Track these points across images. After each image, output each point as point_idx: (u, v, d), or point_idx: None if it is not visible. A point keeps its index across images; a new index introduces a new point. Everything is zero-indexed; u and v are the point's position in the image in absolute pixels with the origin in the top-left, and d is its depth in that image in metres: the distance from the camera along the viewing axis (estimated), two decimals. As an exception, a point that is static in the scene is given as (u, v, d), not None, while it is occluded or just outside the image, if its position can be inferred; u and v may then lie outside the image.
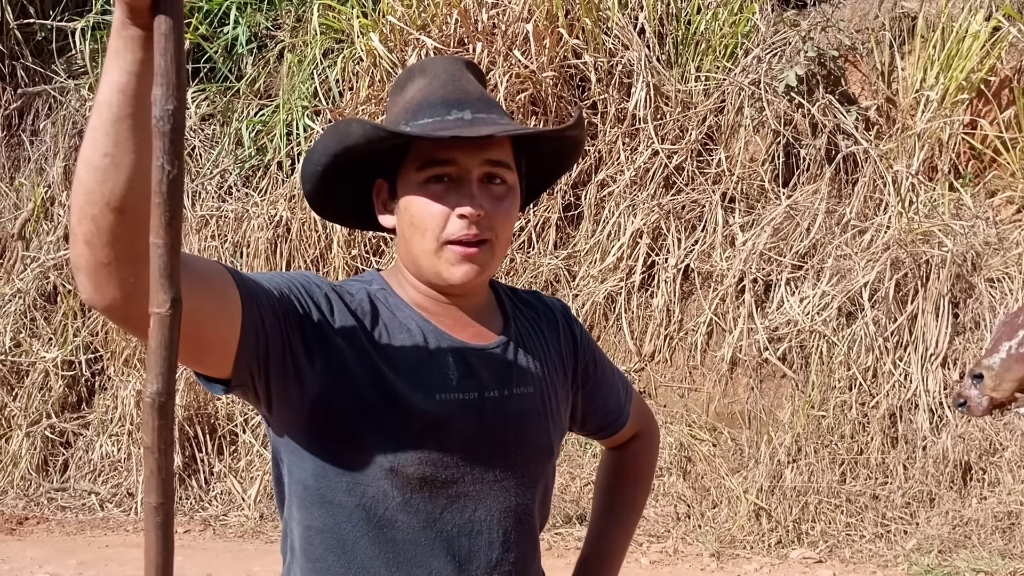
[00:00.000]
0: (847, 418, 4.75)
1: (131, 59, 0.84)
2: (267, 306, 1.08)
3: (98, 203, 0.86)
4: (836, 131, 5.27)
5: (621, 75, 5.56)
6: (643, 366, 5.29)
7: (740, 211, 5.31)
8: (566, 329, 1.40)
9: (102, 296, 0.91)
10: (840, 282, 4.93)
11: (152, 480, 0.79)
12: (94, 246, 0.88)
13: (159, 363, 0.78)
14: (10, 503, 5.81)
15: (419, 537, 1.18)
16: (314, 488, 1.18)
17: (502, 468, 1.23)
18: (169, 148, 0.76)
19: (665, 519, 4.81)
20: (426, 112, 1.20)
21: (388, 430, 1.15)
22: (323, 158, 1.21)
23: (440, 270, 1.20)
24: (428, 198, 1.18)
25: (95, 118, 0.87)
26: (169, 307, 0.78)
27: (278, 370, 1.10)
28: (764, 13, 5.52)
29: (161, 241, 0.77)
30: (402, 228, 1.23)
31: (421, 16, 5.67)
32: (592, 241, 5.48)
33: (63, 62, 6.72)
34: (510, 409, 1.24)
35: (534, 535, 1.29)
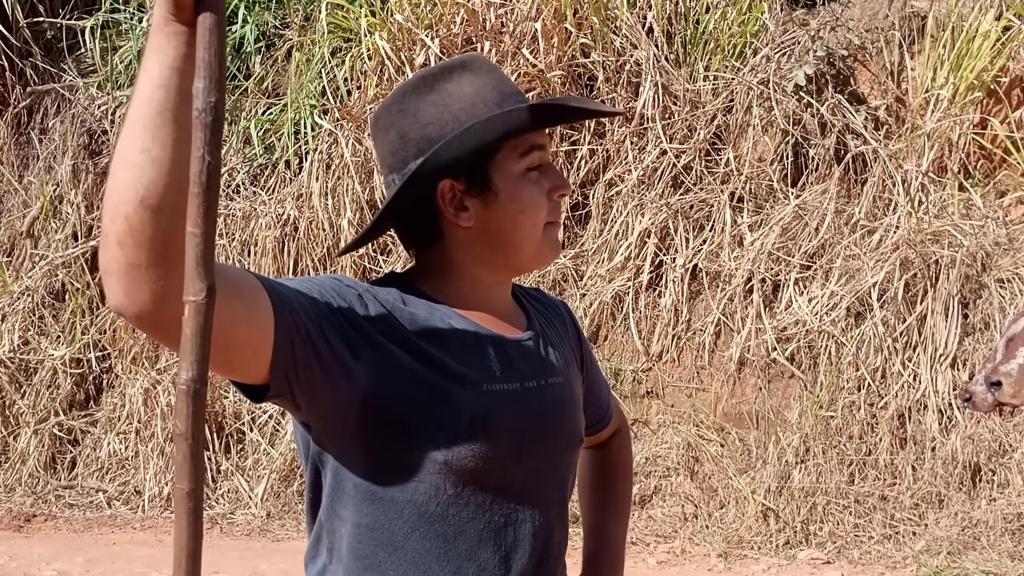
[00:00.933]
0: (856, 419, 4.73)
1: (172, 55, 0.85)
2: (301, 310, 1.08)
3: (132, 200, 0.86)
4: (845, 131, 5.25)
5: (629, 74, 5.55)
6: (651, 366, 5.28)
7: (748, 211, 5.29)
8: (571, 325, 1.44)
9: (132, 301, 0.90)
10: (849, 282, 4.91)
11: (184, 466, 0.80)
12: (126, 247, 0.87)
13: (194, 351, 0.79)
14: (18, 500, 5.83)
15: (468, 529, 1.19)
16: (364, 486, 1.18)
17: (543, 456, 1.25)
18: (210, 139, 0.78)
19: (672, 519, 4.79)
20: (509, 101, 1.23)
21: (440, 423, 1.16)
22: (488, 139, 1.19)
23: (543, 252, 1.27)
24: (531, 184, 1.22)
25: (133, 114, 0.87)
26: (204, 295, 0.79)
27: (322, 373, 1.10)
28: (773, 12, 5.50)
29: (198, 230, 0.79)
30: (501, 220, 1.22)
31: (429, 15, 5.66)
32: (600, 240, 5.47)
33: (72, 61, 6.74)
34: (547, 398, 1.27)
35: (566, 520, 1.32)
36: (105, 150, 6.66)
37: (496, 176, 1.22)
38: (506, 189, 1.22)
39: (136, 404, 5.88)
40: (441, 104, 1.23)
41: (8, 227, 6.75)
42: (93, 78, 6.65)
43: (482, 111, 1.21)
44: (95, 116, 6.63)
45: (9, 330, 6.28)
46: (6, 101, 6.83)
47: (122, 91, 6.51)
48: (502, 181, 1.22)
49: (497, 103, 1.21)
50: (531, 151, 1.21)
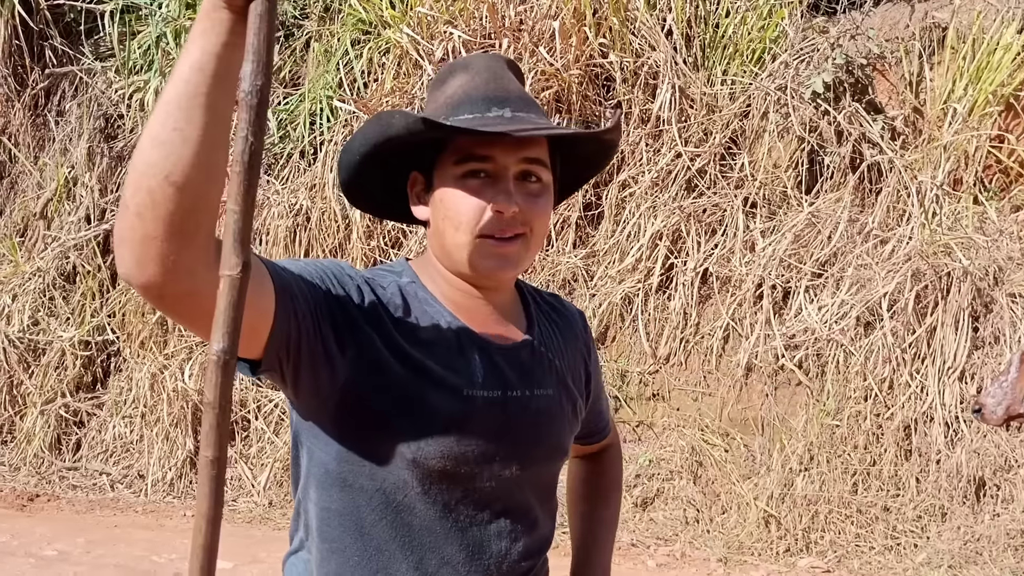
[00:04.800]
0: (861, 428, 4.71)
1: (215, 40, 0.88)
2: (300, 296, 1.09)
3: (158, 176, 0.88)
4: (861, 140, 5.23)
5: (647, 76, 5.54)
6: (658, 368, 5.27)
7: (761, 216, 5.28)
8: (583, 335, 1.45)
9: (142, 271, 0.92)
10: (859, 291, 4.89)
11: (211, 435, 0.83)
12: (145, 218, 0.89)
13: (226, 323, 0.82)
14: (22, 480, 5.86)
15: (434, 525, 1.21)
16: (335, 472, 1.20)
17: (519, 466, 1.26)
18: (254, 120, 0.81)
19: (673, 523, 4.79)
20: (467, 108, 1.22)
21: (414, 422, 1.18)
22: (363, 147, 1.23)
23: (474, 261, 1.22)
24: (465, 192, 1.20)
25: (170, 92, 0.89)
26: (240, 270, 0.82)
27: (309, 357, 1.11)
28: (793, 19, 5.48)
29: (238, 208, 0.82)
30: (436, 220, 1.24)
31: (449, 9, 5.66)
32: (611, 241, 5.47)
33: (91, 44, 6.76)
34: (531, 409, 1.27)
35: (542, 527, 1.33)
36: (120, 134, 6.69)
37: (436, 177, 1.24)
38: (440, 191, 1.23)
39: (143, 388, 5.90)
40: (437, 98, 1.27)
41: (22, 208, 6.78)
42: (111, 62, 6.68)
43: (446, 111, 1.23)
44: (111, 100, 6.66)
45: (19, 310, 6.30)
46: (24, 83, 6.86)
47: (139, 76, 6.53)
48: (439, 182, 1.23)
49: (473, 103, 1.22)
50: (468, 159, 1.20)
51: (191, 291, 0.93)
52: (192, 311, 0.97)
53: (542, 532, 1.33)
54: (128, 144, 6.61)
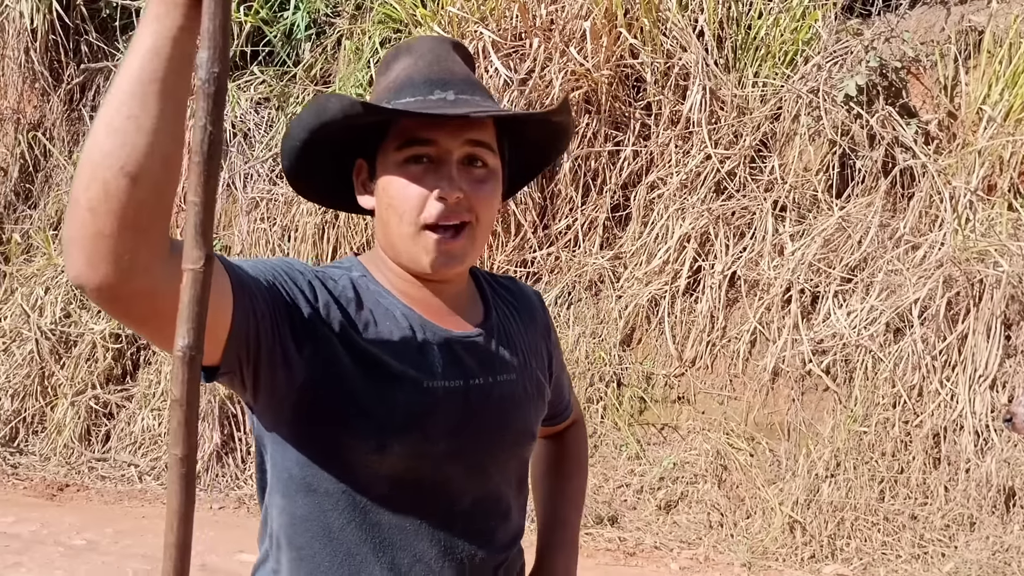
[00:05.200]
0: (889, 435, 4.66)
1: (170, 25, 0.84)
2: (257, 293, 1.07)
3: (113, 167, 0.84)
4: (894, 144, 5.18)
5: (677, 77, 5.52)
6: (683, 371, 5.25)
7: (791, 220, 5.24)
8: (542, 316, 1.43)
9: (94, 271, 0.87)
10: (890, 297, 4.84)
11: (179, 432, 0.81)
12: (97, 213, 0.85)
13: (190, 318, 0.79)
14: (52, 469, 5.94)
15: (404, 523, 1.18)
16: (299, 477, 1.17)
17: (487, 453, 1.24)
18: (212, 109, 0.78)
19: (697, 526, 4.76)
20: (408, 91, 1.19)
21: (375, 418, 1.14)
22: (301, 133, 1.19)
23: (417, 256, 1.19)
24: (406, 179, 1.17)
25: (123, 80, 0.85)
26: (203, 264, 0.79)
27: (267, 357, 1.08)
28: (827, 21, 5.43)
29: (199, 199, 0.79)
30: (380, 210, 1.21)
31: (480, 8, 5.67)
32: (639, 243, 5.45)
33: (126, 39, 6.83)
34: (494, 396, 1.25)
35: (514, 517, 1.31)
36: (154, 129, 6.76)
37: (379, 163, 1.20)
38: (383, 179, 1.20)
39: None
40: (381, 83, 1.25)
41: (56, 202, 6.87)
42: (145, 58, 6.74)
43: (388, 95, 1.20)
44: (146, 95, 6.72)
45: (52, 302, 6.39)
46: (60, 78, 6.95)
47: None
48: (381, 169, 1.20)
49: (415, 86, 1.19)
50: (410, 143, 1.17)
51: (147, 290, 0.89)
52: (147, 312, 0.92)
53: (515, 522, 1.31)
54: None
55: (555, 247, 5.67)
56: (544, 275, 5.67)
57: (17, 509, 5.10)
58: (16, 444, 6.27)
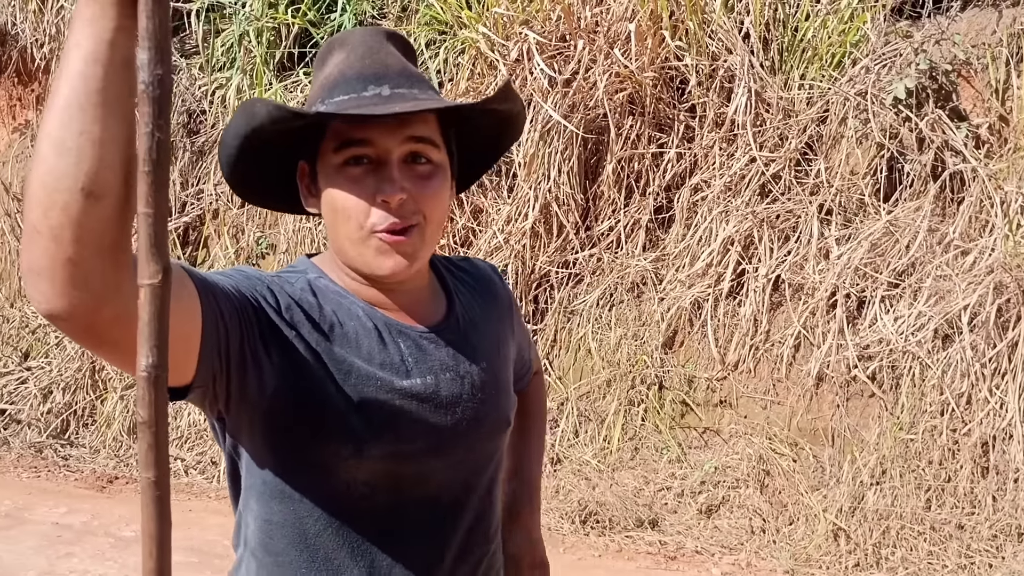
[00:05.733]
0: (936, 443, 4.60)
1: (108, 26, 0.77)
2: (223, 299, 1.03)
3: (71, 188, 0.78)
4: (944, 147, 5.10)
5: (722, 79, 5.49)
6: (726, 375, 5.22)
7: (837, 224, 5.19)
8: (502, 291, 1.40)
9: (66, 301, 0.81)
10: (938, 303, 4.77)
11: (149, 455, 0.76)
12: (62, 240, 0.79)
13: (152, 336, 0.74)
14: (101, 462, 6.06)
15: (382, 526, 1.17)
16: (273, 483, 1.15)
17: (464, 447, 1.22)
18: (158, 114, 0.73)
19: (739, 531, 4.74)
20: (342, 88, 1.14)
21: (350, 423, 1.12)
22: (234, 140, 1.15)
23: (368, 260, 1.16)
24: (348, 183, 1.12)
25: (65, 94, 0.78)
26: (161, 278, 0.74)
27: (238, 364, 1.05)
28: (875, 23, 5.37)
29: (151, 210, 0.73)
30: (326, 215, 1.17)
31: (525, 10, 5.69)
32: (682, 245, 5.43)
33: (176, 42, 6.95)
34: (466, 387, 1.23)
35: (494, 506, 1.30)
36: (202, 128, 6.87)
37: (320, 167, 1.16)
38: (323, 183, 1.16)
39: (217, 377, 6.05)
40: (317, 79, 1.20)
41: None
42: (195, 59, 6.86)
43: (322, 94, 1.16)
44: (195, 96, 6.84)
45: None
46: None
47: (221, 73, 6.69)
48: (321, 173, 1.16)
49: (348, 82, 1.15)
50: (347, 145, 1.12)
51: (121, 313, 0.83)
52: (123, 337, 0.84)
53: (494, 515, 1.30)
54: (209, 139, 6.79)
55: (597, 248, 5.67)
56: (586, 276, 5.68)
57: (69, 500, 5.22)
58: (67, 436, 6.41)
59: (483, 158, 1.34)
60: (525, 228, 5.64)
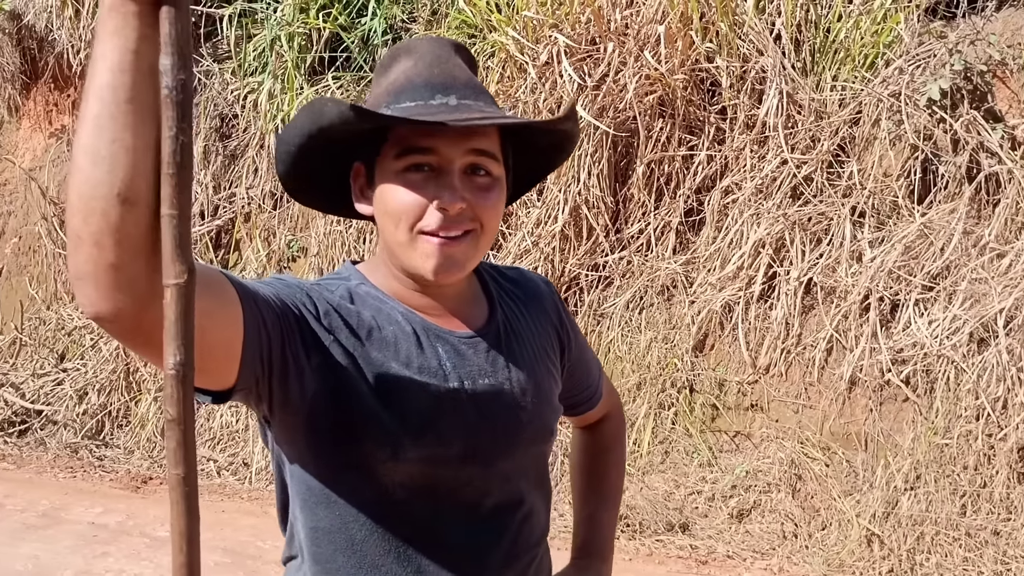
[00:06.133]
0: (972, 448, 4.54)
1: (132, 36, 0.80)
2: (264, 305, 1.05)
3: (108, 195, 0.81)
4: (979, 149, 5.04)
5: (753, 81, 5.46)
6: (757, 379, 5.19)
7: (870, 226, 5.14)
8: (552, 304, 1.39)
9: (112, 304, 0.84)
10: (974, 306, 4.72)
11: (178, 452, 0.79)
12: (104, 246, 0.82)
13: (179, 335, 0.77)
14: (136, 462, 6.14)
15: (427, 530, 1.17)
16: (318, 489, 1.16)
17: (504, 453, 1.21)
18: (181, 118, 0.76)
19: (771, 536, 4.71)
20: (408, 95, 1.15)
21: (387, 425, 1.13)
22: (297, 138, 1.15)
23: (416, 263, 1.16)
24: (405, 187, 1.13)
25: (96, 105, 0.81)
26: (186, 277, 0.77)
27: (279, 369, 1.07)
28: (909, 24, 5.31)
29: (175, 211, 0.77)
30: (378, 216, 1.18)
31: (555, 13, 5.69)
32: (712, 248, 5.41)
33: (209, 47, 7.03)
34: (505, 394, 1.23)
35: (538, 516, 1.29)
36: (234, 133, 6.93)
37: (377, 169, 1.17)
38: (380, 185, 1.16)
39: (249, 379, 6.11)
40: (380, 84, 1.21)
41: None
42: (227, 64, 6.93)
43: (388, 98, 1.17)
44: (227, 100, 6.91)
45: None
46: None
47: (253, 77, 6.76)
48: (379, 176, 1.17)
49: (415, 89, 1.15)
50: (410, 152, 1.13)
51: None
52: None
53: (539, 521, 1.29)
54: (241, 143, 6.86)
55: (627, 251, 5.66)
56: (616, 279, 5.67)
57: (104, 500, 5.30)
58: (102, 437, 6.50)
59: (533, 173, 1.35)
60: (555, 231, 5.64)
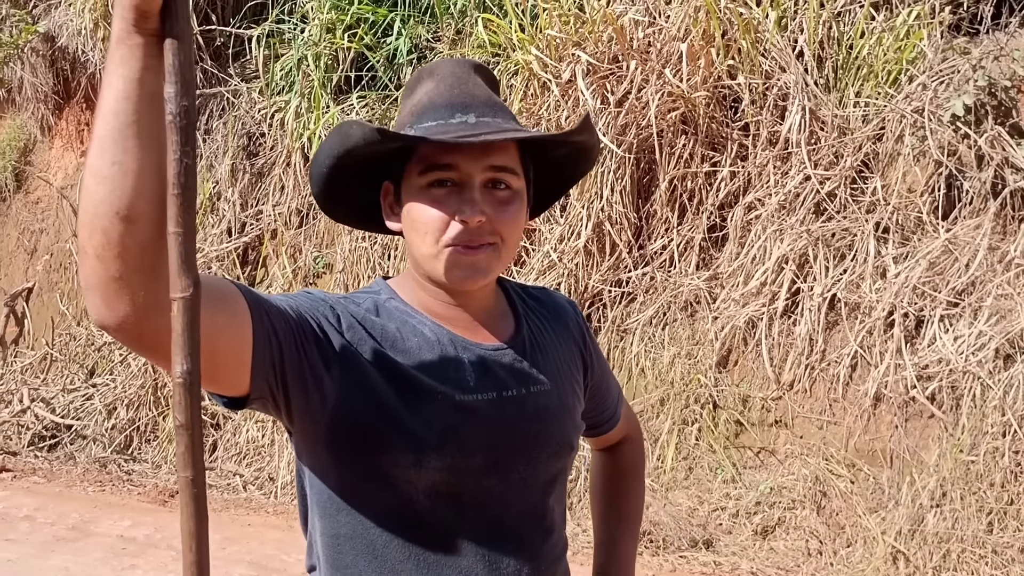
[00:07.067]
0: (999, 465, 4.51)
1: (136, 66, 0.85)
2: (277, 316, 1.09)
3: (108, 213, 0.86)
4: (1004, 164, 5.02)
5: (776, 97, 5.48)
6: (781, 395, 5.18)
7: (894, 242, 5.13)
8: (575, 325, 1.42)
9: (113, 313, 0.90)
10: (999, 323, 4.69)
11: (186, 456, 0.84)
12: (105, 260, 0.87)
13: (186, 345, 0.82)
14: (163, 477, 6.21)
15: (447, 538, 1.19)
16: (339, 496, 1.19)
17: (525, 465, 1.24)
18: (185, 141, 0.81)
19: (795, 553, 4.69)
20: (430, 115, 1.20)
21: (408, 435, 1.15)
22: (327, 160, 1.22)
23: (441, 272, 1.21)
24: (429, 203, 1.19)
25: (101, 128, 0.87)
26: (192, 290, 0.82)
27: (296, 379, 1.11)
28: (932, 40, 5.32)
29: (180, 229, 0.82)
30: (406, 231, 1.23)
31: (578, 32, 5.74)
32: (736, 264, 5.41)
33: (238, 67, 7.15)
34: (528, 407, 1.25)
35: (558, 530, 1.31)
36: (261, 151, 7.04)
37: (403, 187, 1.23)
38: (407, 201, 1.22)
39: (275, 394, 6.17)
40: (406, 106, 1.26)
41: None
42: (255, 83, 7.04)
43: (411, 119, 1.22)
44: (255, 119, 7.01)
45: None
46: (175, 102, 7.30)
47: (280, 96, 6.86)
48: (405, 193, 1.22)
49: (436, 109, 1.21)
50: (432, 168, 1.18)
51: (166, 325, 0.87)
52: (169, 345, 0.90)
53: (559, 535, 1.31)
54: (268, 161, 6.95)
55: (650, 267, 5.67)
56: (639, 295, 5.68)
57: (133, 514, 5.36)
58: (130, 452, 6.58)
59: (557, 186, 1.39)
60: (578, 247, 5.67)
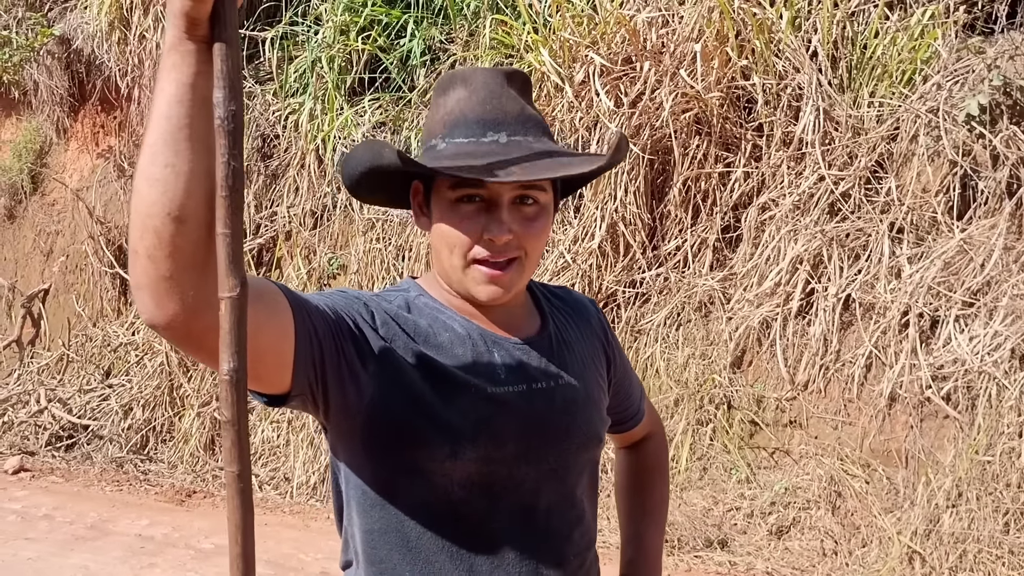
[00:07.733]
0: (1015, 466, 4.50)
1: (188, 72, 0.88)
2: (316, 315, 1.12)
3: (160, 214, 0.89)
4: (1020, 164, 5.01)
5: (790, 98, 5.48)
6: (796, 395, 5.18)
7: (908, 242, 5.12)
8: (597, 323, 1.46)
9: (164, 312, 0.92)
10: (1015, 323, 4.68)
11: (233, 451, 0.87)
12: (156, 259, 0.90)
13: (233, 343, 0.85)
14: (179, 476, 6.25)
15: (480, 529, 1.21)
16: (374, 490, 1.22)
17: (555, 457, 1.27)
18: (232, 145, 0.84)
19: (810, 553, 4.69)
20: (461, 130, 1.23)
21: (443, 428, 1.18)
22: (359, 167, 1.26)
23: (468, 287, 1.25)
24: (459, 218, 1.22)
25: (153, 133, 0.90)
26: (239, 290, 0.84)
27: (335, 376, 1.14)
28: (947, 40, 5.31)
29: (228, 230, 0.84)
30: (433, 240, 1.27)
31: (591, 33, 5.75)
32: (750, 264, 5.41)
33: (251, 69, 7.18)
34: (557, 400, 1.29)
35: (587, 519, 1.34)
36: (276, 153, 7.07)
37: (433, 194, 1.26)
38: (436, 214, 1.25)
39: (290, 395, 6.20)
40: (437, 111, 1.28)
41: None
42: (269, 86, 7.07)
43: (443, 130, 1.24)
44: (268, 121, 7.04)
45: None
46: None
47: (294, 98, 6.89)
48: (435, 202, 1.25)
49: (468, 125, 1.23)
50: (462, 185, 1.21)
51: (214, 324, 0.90)
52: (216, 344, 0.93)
53: (589, 525, 1.34)
54: (282, 163, 6.98)
55: (664, 268, 5.68)
56: (653, 296, 5.69)
57: (150, 513, 5.40)
58: (146, 452, 6.62)
59: (576, 182, 1.45)
60: (592, 248, 5.68)
